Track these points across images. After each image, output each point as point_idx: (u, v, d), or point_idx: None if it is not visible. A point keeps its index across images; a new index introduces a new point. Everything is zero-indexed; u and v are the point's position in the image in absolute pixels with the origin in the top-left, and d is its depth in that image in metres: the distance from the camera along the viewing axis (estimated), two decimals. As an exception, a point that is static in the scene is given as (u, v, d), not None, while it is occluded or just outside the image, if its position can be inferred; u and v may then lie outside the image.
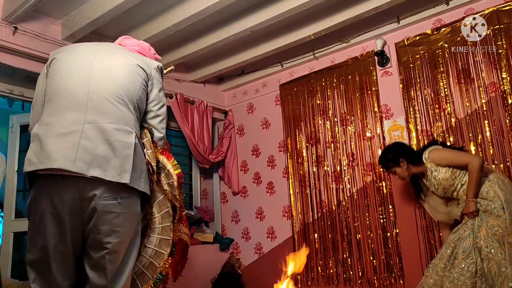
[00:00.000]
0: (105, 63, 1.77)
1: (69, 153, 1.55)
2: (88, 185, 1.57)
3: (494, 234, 2.49)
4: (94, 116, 1.63)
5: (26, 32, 3.41)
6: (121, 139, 1.63)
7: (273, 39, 4.09)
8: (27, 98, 3.81)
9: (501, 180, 2.66)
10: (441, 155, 2.80)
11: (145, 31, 3.76)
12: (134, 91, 1.75)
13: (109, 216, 1.58)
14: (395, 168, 2.99)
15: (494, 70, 3.34)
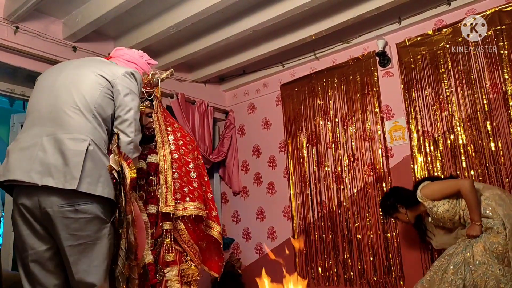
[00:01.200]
0: (69, 77, 1.91)
1: (26, 165, 1.72)
2: (44, 193, 1.70)
3: (493, 251, 2.47)
4: (52, 128, 1.78)
5: (28, 32, 3.41)
6: (72, 148, 1.73)
7: (274, 39, 4.09)
8: (28, 98, 3.78)
9: (498, 196, 2.64)
10: (432, 190, 2.78)
11: (146, 31, 3.76)
12: (92, 100, 1.85)
13: (66, 221, 1.70)
14: (396, 214, 2.99)
15: (495, 71, 3.33)
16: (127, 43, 3.93)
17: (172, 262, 2.34)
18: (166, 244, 2.35)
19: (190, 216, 2.42)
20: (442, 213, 2.74)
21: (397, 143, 3.78)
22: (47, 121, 1.80)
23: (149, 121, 2.47)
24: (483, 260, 2.46)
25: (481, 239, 2.54)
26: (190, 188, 2.44)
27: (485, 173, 3.28)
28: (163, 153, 2.43)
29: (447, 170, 3.45)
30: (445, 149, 3.50)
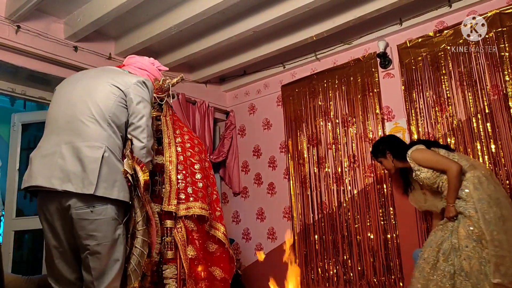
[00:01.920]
0: (85, 88, 2.06)
1: (47, 171, 1.88)
2: (64, 197, 1.87)
3: (471, 234, 2.55)
4: (70, 137, 1.93)
5: (29, 31, 3.42)
6: (89, 155, 1.88)
7: (275, 40, 4.09)
8: (29, 97, 3.82)
9: (478, 179, 2.69)
10: (423, 157, 2.88)
11: (147, 31, 3.76)
12: (106, 109, 1.99)
13: (83, 223, 1.87)
14: (381, 159, 3.21)
15: (496, 73, 3.33)
16: (128, 43, 3.94)
17: (171, 260, 2.38)
18: (166, 242, 2.41)
19: (193, 216, 2.49)
20: (423, 178, 2.89)
21: (397, 145, 3.78)
22: (66, 130, 1.95)
23: (157, 124, 2.59)
24: (465, 243, 2.55)
25: (460, 223, 2.64)
26: (195, 189, 2.53)
27: (485, 175, 3.27)
28: (169, 154, 2.53)
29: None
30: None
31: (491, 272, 2.41)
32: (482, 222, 2.52)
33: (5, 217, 4.09)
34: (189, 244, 2.47)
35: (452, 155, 2.91)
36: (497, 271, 2.40)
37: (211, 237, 2.63)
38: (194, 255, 2.46)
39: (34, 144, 4.25)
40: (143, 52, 4.13)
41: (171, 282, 2.35)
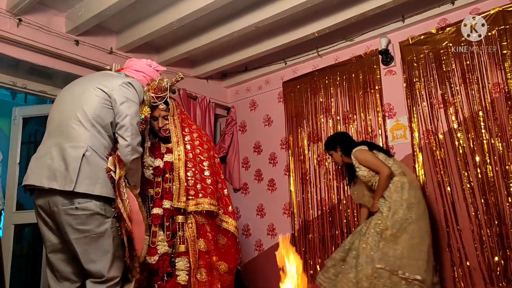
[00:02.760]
0: (74, 94, 2.21)
1: (38, 171, 2.04)
2: (51, 194, 2.00)
3: (378, 226, 3.05)
4: (59, 139, 2.08)
5: (30, 24, 3.41)
6: (72, 154, 2.01)
7: (277, 36, 4.08)
8: (30, 91, 3.81)
9: (402, 184, 3.13)
10: (363, 157, 3.30)
11: (149, 26, 3.75)
12: (90, 111, 2.11)
13: (69, 218, 1.99)
14: (332, 152, 3.53)
15: (498, 71, 3.32)
16: (129, 38, 3.93)
17: (183, 253, 2.52)
18: (179, 236, 2.56)
19: (202, 212, 2.61)
20: (361, 175, 3.33)
21: (398, 142, 3.77)
22: (56, 133, 2.12)
23: (165, 123, 2.70)
24: (368, 231, 3.07)
25: (374, 216, 3.14)
26: (203, 185, 2.65)
27: (487, 172, 3.27)
28: (178, 152, 2.64)
29: (448, 169, 3.45)
30: (446, 148, 3.49)
31: (377, 258, 2.91)
32: (389, 220, 3.01)
33: (5, 211, 4.09)
34: (200, 238, 2.60)
35: (388, 160, 3.31)
36: (383, 259, 2.90)
37: (222, 231, 2.75)
38: (206, 248, 2.60)
39: (35, 138, 4.29)
40: (144, 47, 4.14)
41: (182, 273, 2.48)
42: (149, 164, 2.65)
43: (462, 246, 3.31)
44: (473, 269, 3.24)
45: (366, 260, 2.95)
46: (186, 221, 2.58)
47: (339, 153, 3.50)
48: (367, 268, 2.92)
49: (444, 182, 3.46)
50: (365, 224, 3.20)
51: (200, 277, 2.53)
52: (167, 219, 2.59)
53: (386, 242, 2.95)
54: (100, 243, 2.02)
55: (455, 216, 3.37)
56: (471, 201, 3.31)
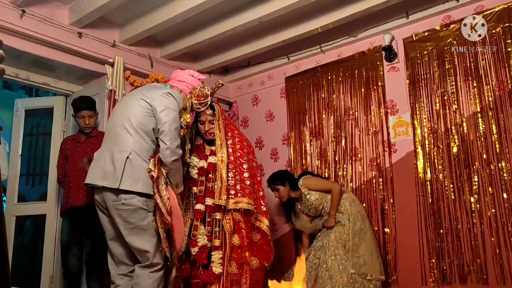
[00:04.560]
0: (122, 105, 2.56)
1: (94, 172, 2.40)
2: (104, 191, 2.36)
3: (340, 238, 3.31)
4: (110, 145, 2.44)
5: (34, 16, 3.40)
6: (118, 157, 2.34)
7: (280, 31, 4.07)
8: (32, 82, 3.81)
9: (351, 199, 3.53)
10: (313, 183, 3.58)
11: (152, 19, 3.74)
12: (134, 119, 2.42)
13: (118, 211, 2.32)
14: (279, 186, 3.60)
15: (502, 69, 3.31)
16: (132, 31, 3.92)
17: (219, 247, 2.78)
18: (215, 232, 2.82)
19: (240, 210, 2.84)
20: (313, 200, 3.54)
21: (400, 139, 3.77)
22: (109, 140, 2.49)
23: (211, 127, 2.98)
24: (333, 244, 3.30)
25: (333, 230, 3.37)
26: (243, 186, 2.89)
27: (489, 171, 3.26)
28: (221, 154, 2.90)
29: (450, 167, 3.44)
30: (449, 146, 3.48)
31: (350, 265, 3.20)
32: (351, 231, 3.33)
33: (7, 203, 4.10)
34: (235, 233, 2.84)
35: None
36: (354, 265, 3.21)
37: (256, 228, 2.97)
38: (239, 243, 2.83)
39: (37, 130, 4.29)
40: (147, 40, 4.13)
41: (217, 265, 2.74)
42: (194, 165, 2.96)
43: (463, 243, 3.31)
44: (472, 266, 3.24)
45: (340, 268, 3.21)
46: (224, 217, 2.85)
47: (287, 187, 3.59)
48: (343, 276, 3.19)
49: (445, 179, 3.46)
50: (321, 240, 3.42)
51: (231, 270, 2.78)
52: (209, 215, 2.87)
53: (351, 251, 3.27)
54: (144, 233, 2.32)
55: (456, 213, 3.37)
56: (474, 198, 3.31)
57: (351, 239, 3.31)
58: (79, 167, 2.96)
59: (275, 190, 3.62)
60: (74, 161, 3.26)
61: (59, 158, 3.44)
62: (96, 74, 3.86)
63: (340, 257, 3.25)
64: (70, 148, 3.34)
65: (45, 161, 4.11)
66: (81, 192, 3.16)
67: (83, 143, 3.34)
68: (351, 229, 3.34)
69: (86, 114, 3.32)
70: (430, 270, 3.42)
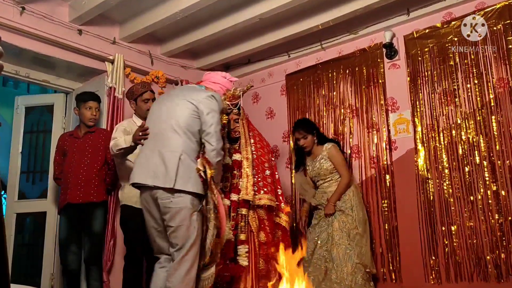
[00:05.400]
0: (168, 106, 2.64)
1: (143, 172, 2.52)
2: (154, 190, 2.47)
3: (344, 227, 3.34)
4: (159, 146, 2.53)
5: (34, 13, 3.40)
6: (170, 159, 2.45)
7: (281, 28, 4.06)
8: (33, 80, 3.81)
9: (356, 188, 3.55)
10: (336, 155, 3.54)
11: (152, 16, 3.74)
12: (182, 121, 2.53)
13: (167, 210, 2.44)
14: (308, 134, 3.61)
15: (503, 66, 3.30)
16: (132, 28, 3.92)
17: (244, 241, 2.91)
18: (241, 226, 2.96)
19: (264, 206, 2.95)
20: (325, 167, 3.53)
21: (401, 136, 3.76)
22: (156, 141, 2.56)
23: (236, 125, 3.13)
24: (337, 233, 3.32)
25: (336, 218, 3.37)
26: (265, 183, 3.01)
27: (490, 168, 3.26)
28: (246, 152, 3.01)
29: (450, 164, 3.44)
30: (449, 143, 3.48)
31: (354, 255, 3.24)
32: (356, 221, 3.35)
33: (7, 200, 4.10)
34: (261, 231, 2.96)
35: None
36: (358, 255, 3.26)
37: (277, 225, 3.10)
38: (265, 240, 2.98)
39: (37, 128, 4.27)
40: (147, 37, 4.13)
41: (244, 258, 2.88)
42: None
43: (464, 240, 3.31)
44: (473, 263, 3.24)
45: (344, 258, 3.25)
46: (249, 214, 2.97)
47: (314, 139, 3.62)
48: (347, 265, 3.23)
49: (446, 177, 3.46)
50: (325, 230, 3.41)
51: (259, 265, 2.94)
52: (233, 210, 3.01)
53: (356, 241, 3.30)
54: (188, 231, 2.44)
55: (456, 211, 3.37)
56: (475, 195, 3.31)
57: (357, 228, 3.34)
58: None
59: (302, 137, 3.61)
60: (72, 157, 3.26)
61: (56, 154, 3.43)
62: (96, 71, 3.86)
63: (345, 247, 3.28)
64: (68, 144, 3.33)
65: (46, 158, 4.11)
66: (79, 188, 3.16)
67: (81, 138, 3.32)
68: (356, 218, 3.37)
69: (93, 105, 3.33)
70: (431, 267, 3.42)
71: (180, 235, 2.44)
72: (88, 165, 3.24)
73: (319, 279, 3.33)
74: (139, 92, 3.31)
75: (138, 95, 3.30)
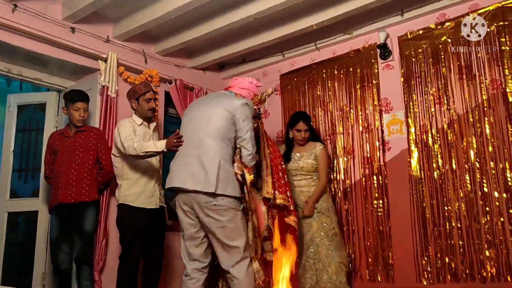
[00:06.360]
0: (204, 114, 2.73)
1: (182, 176, 2.60)
2: (193, 194, 2.55)
3: (323, 228, 3.45)
4: (197, 151, 2.61)
5: (26, 10, 3.37)
6: (210, 164, 2.54)
7: (276, 28, 4.05)
8: (25, 78, 3.78)
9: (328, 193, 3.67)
10: (325, 158, 3.63)
11: (146, 15, 3.72)
12: (220, 128, 2.64)
13: (209, 212, 2.53)
14: (309, 128, 3.67)
15: (496, 67, 3.32)
16: (127, 26, 3.90)
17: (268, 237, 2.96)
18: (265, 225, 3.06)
19: (279, 205, 3.02)
20: (309, 164, 3.59)
21: (394, 137, 3.77)
22: (194, 147, 2.64)
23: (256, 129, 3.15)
24: (317, 234, 3.44)
25: (315, 219, 3.47)
26: (279, 184, 3.10)
27: (482, 169, 3.28)
28: (264, 154, 3.07)
29: (443, 165, 3.45)
30: (442, 144, 3.49)
31: (336, 255, 3.37)
32: (333, 221, 3.50)
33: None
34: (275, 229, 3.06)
35: None
36: (340, 255, 3.40)
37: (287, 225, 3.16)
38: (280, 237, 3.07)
39: (30, 126, 4.24)
40: (141, 36, 4.11)
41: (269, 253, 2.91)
42: None
43: (452, 242, 3.32)
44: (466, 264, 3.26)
45: (328, 258, 3.38)
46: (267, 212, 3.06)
47: (309, 132, 3.68)
48: (331, 265, 3.37)
49: (439, 178, 3.47)
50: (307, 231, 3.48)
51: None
52: None
53: (334, 241, 3.43)
54: (234, 231, 2.56)
55: (449, 212, 3.38)
56: (468, 196, 3.32)
57: (334, 229, 3.48)
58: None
59: (304, 130, 3.65)
60: (63, 156, 3.23)
61: (47, 154, 3.40)
62: (89, 70, 3.83)
63: (326, 248, 3.40)
64: (58, 143, 3.30)
65: (38, 157, 4.08)
66: (70, 188, 3.14)
67: (72, 137, 3.29)
68: (333, 219, 3.50)
69: (81, 106, 3.29)
70: (424, 268, 3.43)
71: (226, 237, 2.55)
72: (79, 164, 3.21)
73: (313, 280, 3.38)
74: (142, 92, 3.31)
75: (141, 94, 3.31)
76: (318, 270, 3.40)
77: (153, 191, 3.29)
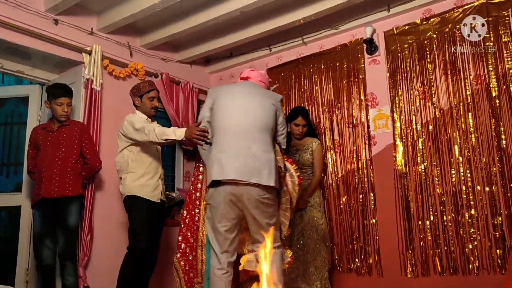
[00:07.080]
0: (250, 104, 2.68)
1: (237, 169, 2.51)
2: (247, 186, 2.52)
3: (314, 222, 3.51)
4: (248, 143, 2.58)
5: (8, 1, 3.29)
6: (264, 157, 2.57)
7: (263, 21, 4.04)
8: (7, 70, 3.70)
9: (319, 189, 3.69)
10: (320, 154, 3.66)
11: (131, 7, 3.66)
12: (269, 121, 2.68)
13: (259, 204, 2.55)
14: (306, 123, 3.67)
15: (480, 63, 3.35)
16: (111, 19, 3.84)
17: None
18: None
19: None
20: (306, 158, 3.62)
21: (380, 131, 3.80)
22: (244, 138, 2.59)
23: None
24: (307, 227, 3.51)
25: (307, 212, 3.53)
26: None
27: (465, 163, 3.32)
28: None
29: (428, 159, 3.49)
30: (427, 139, 3.53)
31: (323, 250, 3.45)
32: (324, 217, 3.56)
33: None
34: None
35: None
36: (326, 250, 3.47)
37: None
38: None
39: (12, 120, 4.17)
40: (126, 29, 4.05)
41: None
42: None
43: (436, 235, 3.37)
44: (450, 257, 3.31)
45: (315, 252, 3.45)
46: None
47: (306, 129, 3.68)
48: (317, 259, 3.44)
49: (423, 172, 3.50)
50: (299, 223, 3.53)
51: None
52: None
53: (321, 235, 3.48)
54: (275, 217, 2.68)
55: (434, 205, 3.42)
56: (452, 190, 3.36)
57: (323, 224, 3.52)
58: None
59: (302, 125, 3.65)
60: (46, 151, 3.17)
61: (29, 148, 3.34)
62: (73, 63, 3.77)
63: (314, 241, 3.46)
64: (41, 138, 3.24)
65: (20, 151, 4.01)
66: (53, 183, 3.09)
67: (55, 132, 3.23)
68: (323, 215, 3.55)
69: (65, 101, 3.23)
70: (409, 261, 3.48)
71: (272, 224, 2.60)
72: (63, 159, 3.16)
73: (300, 270, 3.42)
74: (146, 90, 3.27)
75: (145, 92, 3.26)
76: (305, 262, 3.44)
77: (156, 185, 3.25)
